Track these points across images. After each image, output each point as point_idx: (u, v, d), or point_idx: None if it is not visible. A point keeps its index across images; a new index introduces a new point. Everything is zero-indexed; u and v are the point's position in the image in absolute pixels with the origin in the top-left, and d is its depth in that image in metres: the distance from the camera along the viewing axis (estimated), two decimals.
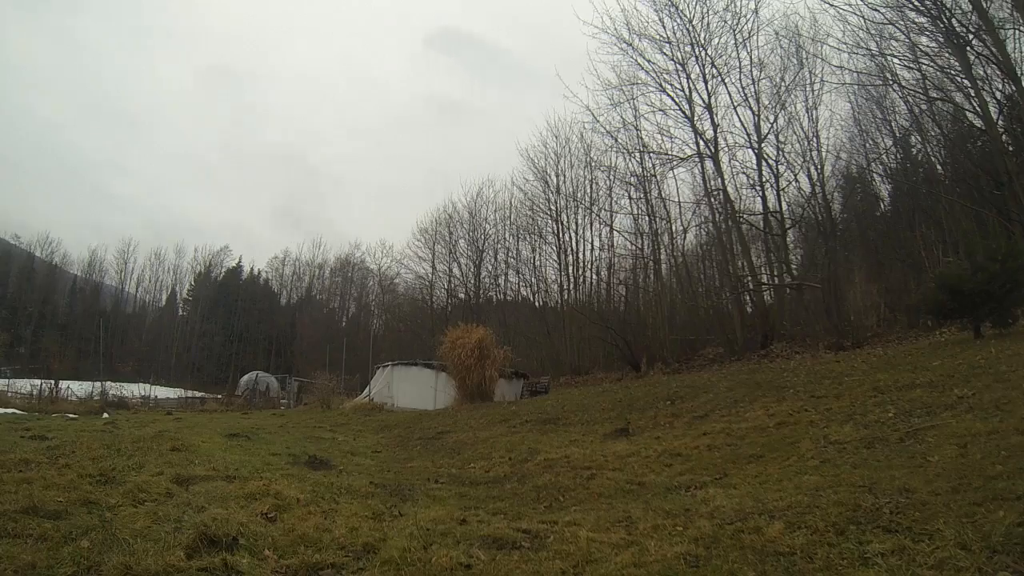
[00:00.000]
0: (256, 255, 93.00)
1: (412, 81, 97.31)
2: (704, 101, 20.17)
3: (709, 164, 20.46)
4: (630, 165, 24.99)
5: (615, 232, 28.13)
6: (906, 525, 2.98)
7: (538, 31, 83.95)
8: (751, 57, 19.62)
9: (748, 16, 19.37)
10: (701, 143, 20.43)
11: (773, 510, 3.57)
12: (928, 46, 16.47)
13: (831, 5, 16.60)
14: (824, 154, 20.24)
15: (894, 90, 18.78)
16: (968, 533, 2.73)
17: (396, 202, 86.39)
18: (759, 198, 20.52)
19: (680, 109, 20.63)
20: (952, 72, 16.16)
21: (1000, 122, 16.23)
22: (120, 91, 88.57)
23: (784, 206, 20.30)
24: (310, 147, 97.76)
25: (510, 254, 34.70)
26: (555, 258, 30.62)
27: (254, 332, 56.97)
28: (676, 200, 24.19)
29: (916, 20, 15.89)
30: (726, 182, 20.52)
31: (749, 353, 17.48)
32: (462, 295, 36.02)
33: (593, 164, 27.99)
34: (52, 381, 23.61)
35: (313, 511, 4.19)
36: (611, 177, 27.37)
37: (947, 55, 15.92)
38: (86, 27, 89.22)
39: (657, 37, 20.25)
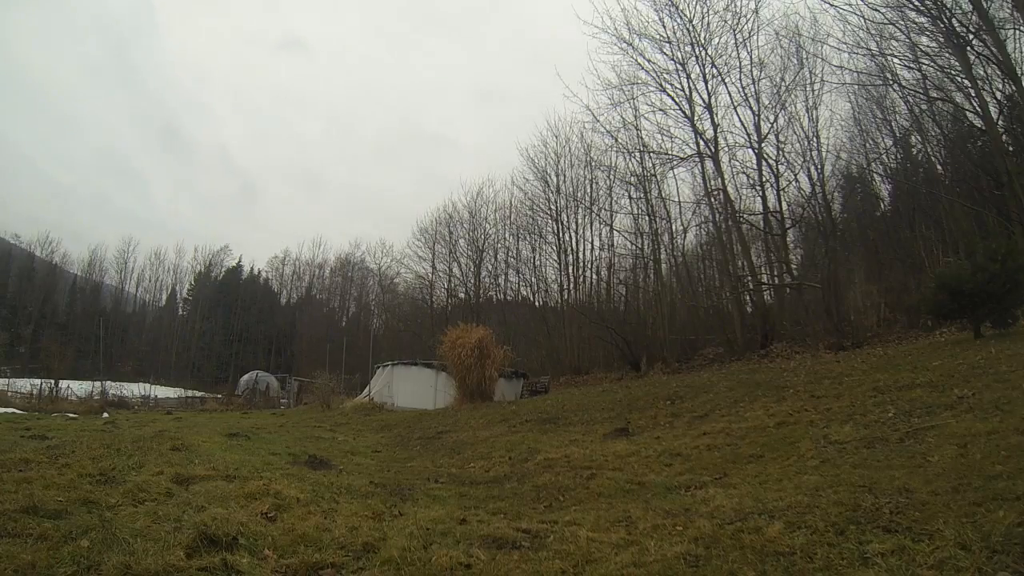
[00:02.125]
0: (256, 255, 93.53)
1: None
2: (704, 101, 20.18)
3: (709, 164, 20.46)
4: (630, 165, 25.03)
5: (615, 232, 28.18)
6: (906, 525, 2.98)
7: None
8: (751, 57, 19.62)
9: (748, 16, 19.37)
10: (701, 143, 20.43)
11: (773, 510, 3.57)
12: (928, 46, 16.47)
13: (831, 5, 16.59)
14: (824, 154, 20.23)
15: (894, 90, 18.79)
16: (968, 533, 2.72)
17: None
18: (759, 198, 20.54)
19: (680, 109, 20.63)
20: (952, 72, 16.15)
21: (1000, 122, 16.23)
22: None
23: (784, 206, 20.31)
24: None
25: (510, 254, 34.78)
26: (555, 258, 30.67)
27: (254, 332, 56.98)
28: (676, 200, 24.23)
29: (916, 20, 15.89)
30: (726, 182, 20.54)
31: (749, 353, 17.47)
32: (462, 295, 36.06)
33: (593, 164, 28.06)
34: (52, 381, 23.66)
35: (313, 511, 4.19)
36: (611, 177, 27.43)
37: (947, 55, 15.91)
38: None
39: (657, 37, 20.26)
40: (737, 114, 20.15)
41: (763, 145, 19.60)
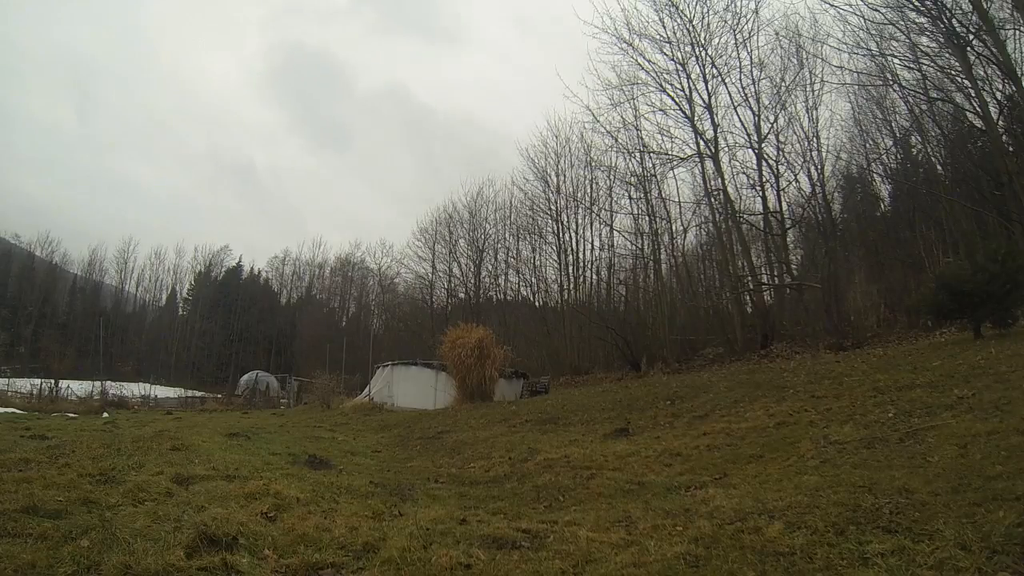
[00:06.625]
0: (256, 255, 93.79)
1: None
2: (704, 101, 20.20)
3: (709, 164, 20.48)
4: (630, 165, 25.03)
5: (615, 232, 28.15)
6: (906, 525, 2.98)
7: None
8: (751, 57, 19.64)
9: (748, 16, 19.39)
10: (701, 143, 20.44)
11: (773, 510, 3.57)
12: (928, 46, 16.48)
13: (831, 5, 16.61)
14: (824, 154, 20.27)
15: (894, 90, 18.81)
16: (968, 533, 2.73)
17: None
18: (759, 198, 20.56)
19: (680, 109, 20.65)
20: (952, 72, 16.15)
21: (1000, 122, 16.22)
22: None
23: (784, 206, 20.34)
24: None
25: (510, 254, 34.77)
26: (555, 258, 30.66)
27: (254, 332, 56.94)
28: (676, 200, 24.23)
29: (916, 20, 15.90)
30: (726, 182, 20.55)
31: (749, 353, 17.47)
32: (462, 295, 36.06)
33: (593, 164, 28.02)
34: (52, 381, 23.66)
35: (313, 511, 4.19)
36: (611, 177, 27.41)
37: (947, 55, 15.91)
38: None
39: (657, 37, 20.27)
40: (737, 114, 20.20)
41: (763, 145, 19.65)
